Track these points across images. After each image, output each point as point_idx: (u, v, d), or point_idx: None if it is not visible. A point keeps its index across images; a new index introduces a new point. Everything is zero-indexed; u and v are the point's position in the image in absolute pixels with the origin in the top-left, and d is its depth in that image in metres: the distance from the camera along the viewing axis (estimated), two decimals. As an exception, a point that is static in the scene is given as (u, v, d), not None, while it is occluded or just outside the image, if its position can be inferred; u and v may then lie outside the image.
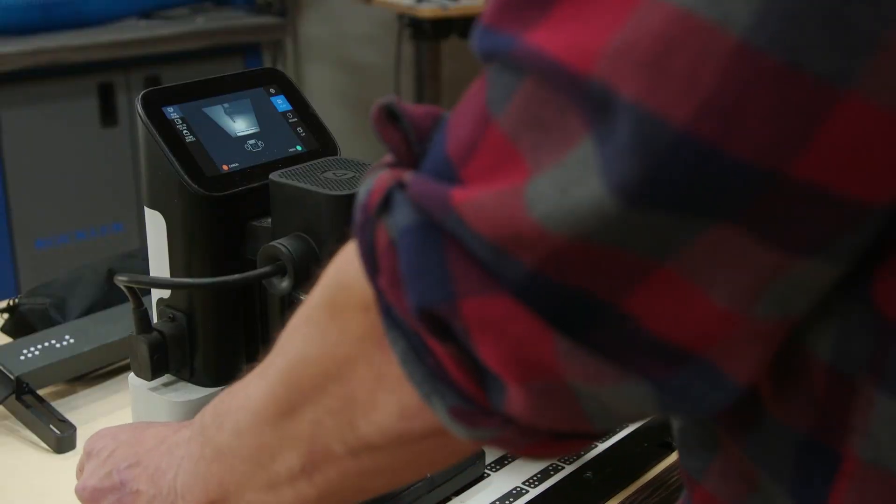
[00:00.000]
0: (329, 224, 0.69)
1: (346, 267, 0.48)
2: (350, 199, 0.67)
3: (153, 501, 0.65)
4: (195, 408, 0.75)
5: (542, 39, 0.38)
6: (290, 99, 0.82)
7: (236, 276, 0.73)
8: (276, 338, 0.54)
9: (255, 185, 0.76)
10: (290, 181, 0.71)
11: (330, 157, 0.77)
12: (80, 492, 0.72)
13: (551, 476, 0.84)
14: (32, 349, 0.99)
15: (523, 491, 0.82)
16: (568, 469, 0.85)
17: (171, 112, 0.76)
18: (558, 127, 0.38)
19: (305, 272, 0.70)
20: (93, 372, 1.06)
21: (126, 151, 2.86)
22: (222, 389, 0.73)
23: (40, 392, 0.98)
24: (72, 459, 0.93)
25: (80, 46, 2.69)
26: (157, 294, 0.80)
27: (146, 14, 2.96)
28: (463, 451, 0.51)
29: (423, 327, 0.42)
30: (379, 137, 0.46)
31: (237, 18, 3.07)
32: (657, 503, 0.82)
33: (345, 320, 0.48)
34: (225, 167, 0.76)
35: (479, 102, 0.41)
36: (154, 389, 0.79)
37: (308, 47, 3.78)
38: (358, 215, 0.44)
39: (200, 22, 2.96)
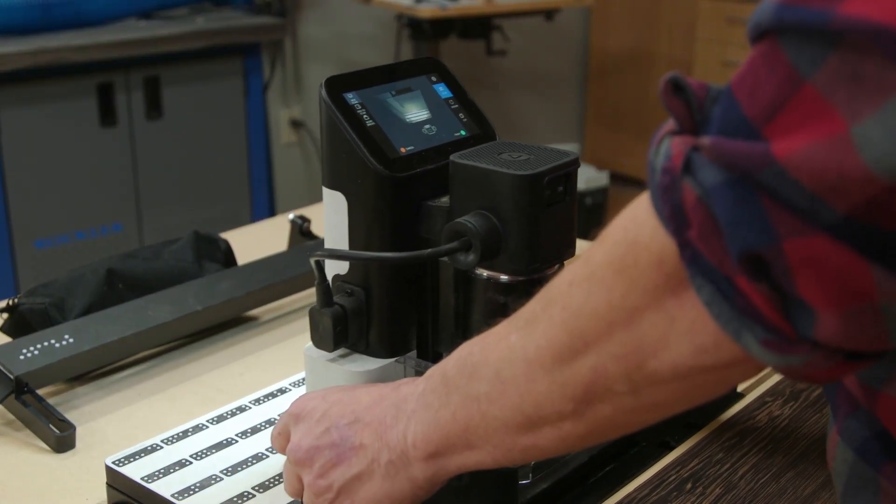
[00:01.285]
0: (513, 202, 0.73)
1: (635, 228, 0.53)
2: (532, 178, 0.72)
3: (380, 453, 0.68)
4: (372, 377, 0.81)
5: (860, 10, 0.43)
6: (449, 87, 0.87)
7: (427, 251, 0.76)
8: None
9: (431, 167, 0.80)
10: (472, 162, 0.75)
11: (498, 141, 0.81)
12: (294, 451, 0.73)
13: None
14: (32, 349, 0.99)
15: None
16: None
17: (351, 98, 0.80)
18: (876, 81, 0.42)
19: (489, 247, 0.73)
20: (92, 371, 1.06)
21: (125, 151, 2.86)
22: (396, 360, 0.82)
23: (40, 392, 0.98)
24: (70, 459, 0.93)
25: (79, 46, 2.68)
26: (333, 270, 0.82)
27: (146, 14, 2.95)
28: (736, 381, 0.57)
29: (740, 270, 0.47)
30: (665, 106, 0.52)
31: (236, 19, 3.07)
32: (655, 502, 0.82)
33: (634, 275, 0.53)
34: (403, 150, 0.79)
35: (782, 68, 0.46)
36: (332, 361, 0.82)
37: (307, 47, 3.78)
38: (660, 178, 0.50)
39: (200, 22, 2.95)
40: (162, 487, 0.81)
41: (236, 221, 2.50)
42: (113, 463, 0.84)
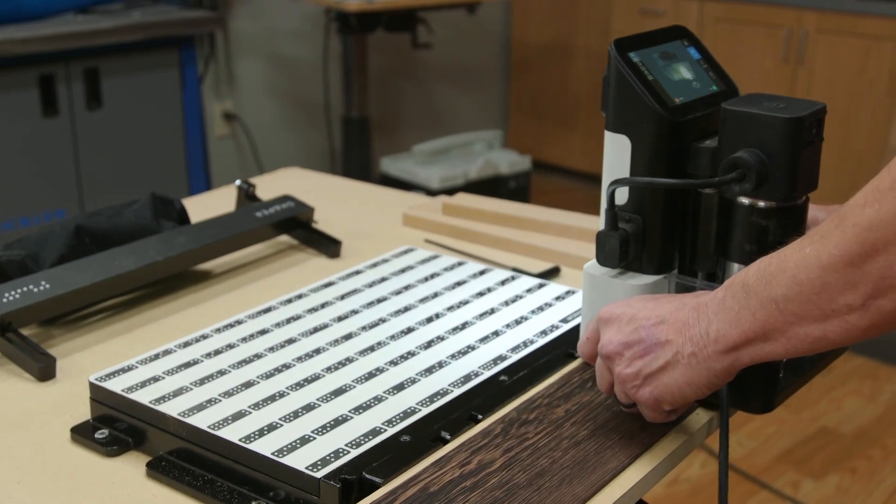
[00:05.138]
0: (782, 140, 0.87)
1: None
2: (798, 120, 0.87)
3: (683, 347, 0.82)
4: (647, 290, 0.96)
5: None
6: (698, 50, 1.03)
7: (715, 178, 0.90)
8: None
9: (699, 114, 0.95)
10: (744, 108, 0.89)
11: (754, 94, 0.94)
12: (605, 346, 0.88)
13: (472, 379, 0.98)
14: (13, 293, 1.10)
15: (448, 391, 0.96)
16: (485, 374, 1.00)
17: (634, 56, 0.95)
18: None
19: (760, 178, 0.87)
20: (66, 315, 1.18)
21: (67, 140, 2.94)
22: (663, 277, 0.97)
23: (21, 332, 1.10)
24: (52, 386, 1.05)
25: (21, 39, 2.75)
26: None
27: (83, 9, 3.04)
28: None
29: None
30: None
31: (171, 12, 3.16)
32: (560, 397, 0.97)
33: None
34: (677, 99, 0.95)
35: None
36: (613, 277, 0.98)
37: (238, 42, 3.88)
38: None
39: (136, 16, 3.04)
40: (141, 396, 0.94)
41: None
42: (96, 380, 0.97)
